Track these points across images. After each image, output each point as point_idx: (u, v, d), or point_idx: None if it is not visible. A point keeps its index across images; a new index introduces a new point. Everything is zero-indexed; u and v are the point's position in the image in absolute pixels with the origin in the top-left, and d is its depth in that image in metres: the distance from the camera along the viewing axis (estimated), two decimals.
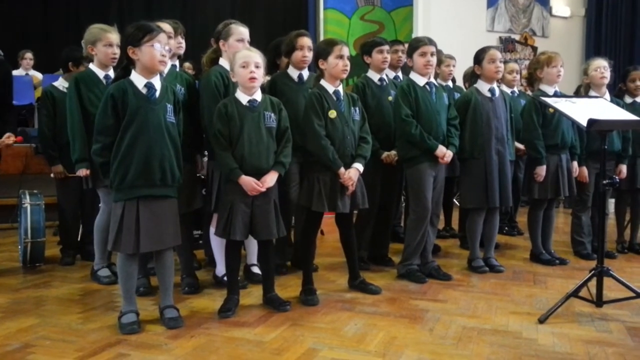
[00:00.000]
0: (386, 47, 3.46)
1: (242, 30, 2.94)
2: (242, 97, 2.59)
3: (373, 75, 3.48)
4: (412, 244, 3.18)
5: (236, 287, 2.68)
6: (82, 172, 3.01)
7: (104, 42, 3.03)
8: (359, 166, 2.79)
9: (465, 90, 4.14)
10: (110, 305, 2.74)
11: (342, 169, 2.73)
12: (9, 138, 3.30)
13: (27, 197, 3.56)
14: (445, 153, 3.11)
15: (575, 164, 3.58)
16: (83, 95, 3.00)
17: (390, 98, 3.38)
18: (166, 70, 2.78)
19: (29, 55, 6.84)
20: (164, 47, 2.34)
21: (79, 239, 3.75)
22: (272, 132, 2.61)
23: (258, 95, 2.61)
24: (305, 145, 2.80)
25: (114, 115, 2.30)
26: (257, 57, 2.58)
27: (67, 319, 2.54)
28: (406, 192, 3.39)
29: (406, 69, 3.55)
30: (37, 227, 3.47)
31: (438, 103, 3.18)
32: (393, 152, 3.28)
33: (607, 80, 3.60)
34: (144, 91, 2.34)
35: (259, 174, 2.54)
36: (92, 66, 3.09)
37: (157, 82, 2.39)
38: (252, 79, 2.54)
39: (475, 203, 3.36)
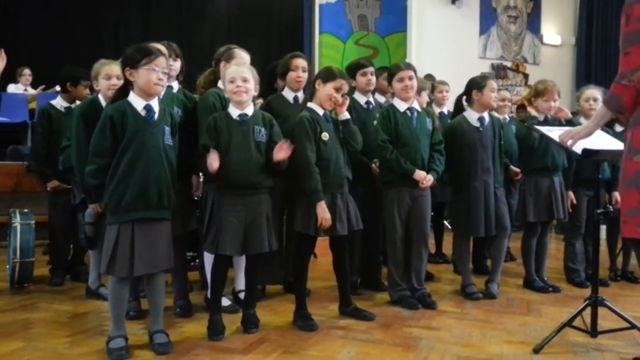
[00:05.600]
0: (370, 70, 3.49)
1: (244, 56, 2.99)
2: (233, 112, 2.60)
3: (360, 98, 3.50)
4: (391, 267, 3.21)
5: (219, 306, 2.64)
6: (95, 207, 2.78)
7: (103, 74, 3.05)
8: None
9: None
10: (98, 329, 2.69)
11: (322, 202, 2.67)
12: None
13: (18, 216, 3.52)
14: (424, 177, 3.11)
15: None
16: (90, 127, 2.94)
17: (375, 122, 3.39)
18: (162, 92, 2.77)
19: (27, 71, 6.86)
20: (162, 71, 2.33)
21: (69, 259, 3.70)
22: (261, 147, 2.60)
23: (249, 110, 2.62)
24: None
25: (112, 136, 2.28)
26: (245, 71, 2.59)
27: (54, 342, 2.48)
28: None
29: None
30: (26, 246, 3.43)
31: (419, 128, 3.18)
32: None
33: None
34: (143, 113, 2.33)
35: (247, 188, 2.53)
36: (100, 97, 3.06)
37: (155, 104, 2.38)
38: (238, 92, 2.55)
39: (461, 232, 3.40)
